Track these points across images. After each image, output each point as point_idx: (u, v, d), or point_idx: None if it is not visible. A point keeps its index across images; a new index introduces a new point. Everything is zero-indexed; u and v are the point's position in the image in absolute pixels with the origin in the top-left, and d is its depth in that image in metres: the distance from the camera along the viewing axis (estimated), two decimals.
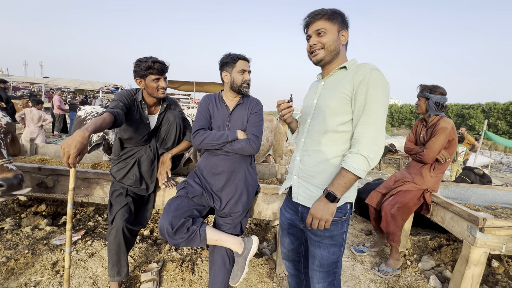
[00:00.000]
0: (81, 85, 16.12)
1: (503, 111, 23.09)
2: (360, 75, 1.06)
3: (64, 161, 1.19)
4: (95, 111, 3.05)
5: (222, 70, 1.63)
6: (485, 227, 1.66)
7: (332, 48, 1.13)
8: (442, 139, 2.12)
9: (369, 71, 1.05)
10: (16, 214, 2.69)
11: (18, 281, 1.79)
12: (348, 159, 1.05)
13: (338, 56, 1.16)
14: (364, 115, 1.05)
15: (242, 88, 1.59)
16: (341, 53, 1.17)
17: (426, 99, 2.23)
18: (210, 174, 1.63)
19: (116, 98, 1.67)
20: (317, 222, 1.07)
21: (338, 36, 1.13)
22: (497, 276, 2.17)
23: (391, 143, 8.97)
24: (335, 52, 1.14)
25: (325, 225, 1.07)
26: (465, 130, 7.02)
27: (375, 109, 1.04)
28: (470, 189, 2.70)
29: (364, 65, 1.08)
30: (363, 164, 1.03)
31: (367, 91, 1.04)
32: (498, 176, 8.86)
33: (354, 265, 2.35)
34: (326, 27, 1.11)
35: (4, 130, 1.63)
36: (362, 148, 1.03)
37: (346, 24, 1.15)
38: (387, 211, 2.21)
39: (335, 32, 1.12)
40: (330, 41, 1.12)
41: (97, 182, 2.06)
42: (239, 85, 1.58)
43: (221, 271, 1.60)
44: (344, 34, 1.15)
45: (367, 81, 1.04)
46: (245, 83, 1.59)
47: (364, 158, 1.02)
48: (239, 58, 1.58)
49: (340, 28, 1.13)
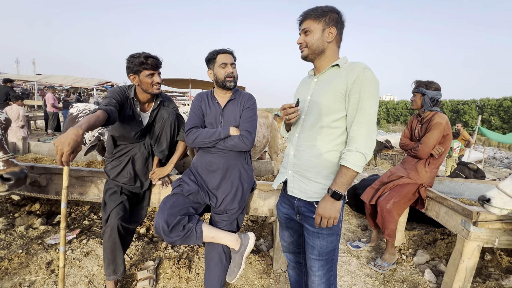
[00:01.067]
0: (75, 82, 15.89)
1: (496, 107, 23.38)
2: (353, 74, 1.10)
3: (57, 159, 1.17)
4: (87, 109, 3.01)
5: (207, 68, 1.61)
6: (478, 221, 1.68)
7: (315, 47, 1.18)
8: (436, 134, 2.14)
9: (362, 70, 1.10)
10: (10, 214, 2.65)
11: (12, 281, 1.77)
12: (348, 157, 1.09)
13: (324, 54, 1.19)
14: (359, 114, 1.10)
15: (226, 83, 1.55)
16: (328, 50, 1.19)
17: (422, 95, 2.23)
18: (205, 171, 1.62)
19: (108, 95, 1.64)
20: (326, 221, 1.11)
21: (322, 34, 1.16)
22: (490, 268, 2.21)
23: (387, 139, 9.03)
24: (318, 50, 1.18)
25: (333, 222, 1.11)
26: (461, 126, 7.08)
27: (368, 107, 1.09)
28: (464, 183, 2.73)
29: (357, 64, 1.13)
30: (361, 160, 1.09)
31: (360, 90, 1.09)
32: (491, 171, 9.00)
33: (350, 260, 2.37)
34: (311, 26, 1.17)
35: (4, 126, 1.64)
36: (359, 145, 1.08)
37: (335, 21, 1.17)
38: (383, 207, 2.23)
39: (319, 30, 1.16)
40: (312, 39, 1.17)
41: (91, 181, 2.03)
42: (222, 79, 1.55)
43: (218, 268, 1.59)
44: (331, 31, 1.16)
45: (360, 80, 1.09)
46: (228, 76, 1.54)
47: (362, 155, 1.08)
48: (218, 52, 1.55)
49: (325, 26, 1.16)
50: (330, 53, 1.19)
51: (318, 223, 1.13)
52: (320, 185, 1.18)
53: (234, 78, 1.56)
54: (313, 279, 1.24)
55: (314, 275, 1.23)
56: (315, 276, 1.23)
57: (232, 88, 1.58)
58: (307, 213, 1.21)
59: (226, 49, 1.58)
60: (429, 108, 2.21)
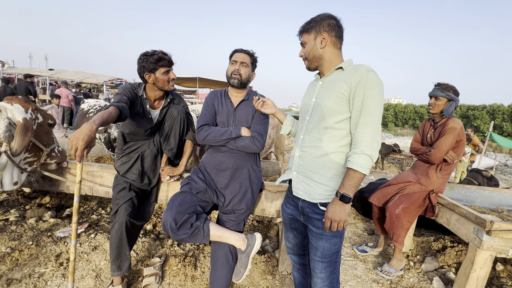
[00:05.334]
0: (85, 78, 16.16)
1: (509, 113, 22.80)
2: (357, 76, 1.11)
3: (71, 153, 1.19)
4: (97, 104, 3.05)
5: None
6: (492, 230, 1.63)
7: (312, 57, 1.23)
8: (450, 139, 2.08)
9: (366, 72, 1.10)
10: (21, 206, 2.71)
11: (22, 272, 1.80)
12: (354, 160, 1.09)
13: (323, 59, 1.22)
14: (363, 116, 1.10)
15: (230, 79, 1.57)
16: (326, 55, 1.22)
17: (448, 100, 2.11)
18: (214, 170, 1.62)
19: (120, 92, 1.66)
20: (335, 224, 1.10)
21: (314, 42, 1.21)
22: (501, 279, 2.15)
23: (395, 143, 8.91)
24: (316, 58, 1.23)
25: (343, 225, 1.10)
26: (471, 131, 6.93)
27: (373, 109, 1.09)
28: (476, 191, 2.67)
29: (361, 66, 1.13)
30: (368, 162, 1.09)
31: (364, 92, 1.09)
32: (503, 179, 8.77)
33: (356, 265, 2.34)
34: (305, 39, 1.24)
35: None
36: (365, 148, 1.08)
37: (326, 26, 1.19)
38: (391, 211, 2.19)
39: (312, 40, 1.21)
40: (307, 51, 1.24)
41: (101, 176, 2.06)
42: (229, 75, 1.57)
43: (224, 268, 1.59)
44: (323, 37, 1.19)
45: (364, 82, 1.09)
46: (234, 73, 1.56)
47: (368, 157, 1.08)
48: (236, 50, 1.60)
49: (316, 34, 1.20)
50: (329, 57, 1.22)
51: (328, 227, 1.12)
52: (324, 187, 1.18)
53: (239, 76, 1.56)
54: (316, 281, 1.24)
55: (317, 277, 1.23)
56: (318, 278, 1.23)
57: (235, 85, 1.58)
58: (311, 214, 1.21)
59: (243, 49, 1.60)
60: (450, 115, 2.11)
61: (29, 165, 1.78)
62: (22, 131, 1.55)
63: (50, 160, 1.92)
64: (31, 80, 6.70)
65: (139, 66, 1.64)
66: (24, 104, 1.68)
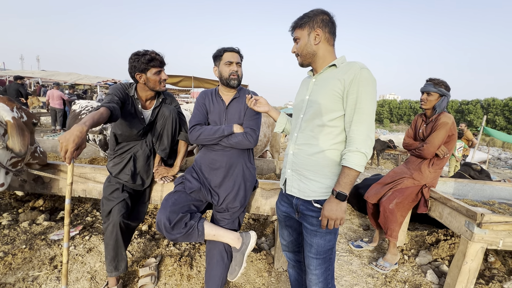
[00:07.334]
0: (78, 79, 15.98)
1: (501, 107, 23.15)
2: (350, 74, 1.11)
3: (61, 155, 1.17)
4: (89, 105, 3.02)
5: (214, 65, 1.62)
6: (483, 222, 1.66)
7: (305, 52, 1.21)
8: (442, 134, 2.11)
9: (359, 70, 1.10)
10: (14, 209, 2.67)
11: (16, 276, 1.79)
12: (349, 158, 1.10)
13: (317, 56, 1.21)
14: (357, 113, 1.10)
15: (229, 81, 1.55)
16: (320, 51, 1.20)
17: (440, 96, 2.13)
18: (208, 169, 1.62)
19: (110, 92, 1.64)
20: (332, 222, 1.11)
21: (308, 38, 1.19)
22: (493, 270, 2.19)
23: (390, 138, 8.98)
24: (309, 54, 1.21)
25: (340, 223, 1.11)
26: (465, 126, 7.02)
27: (366, 106, 1.10)
28: (468, 184, 2.71)
29: (354, 63, 1.13)
30: (363, 159, 1.09)
31: (358, 90, 1.09)
32: (495, 172, 8.92)
33: (351, 260, 2.36)
34: (298, 34, 1.22)
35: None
36: (360, 145, 1.09)
37: (320, 22, 1.18)
38: (385, 207, 2.21)
39: (305, 36, 1.20)
40: (301, 47, 1.22)
41: (94, 177, 2.04)
42: (227, 77, 1.55)
43: (219, 266, 1.59)
44: (317, 33, 1.18)
45: (358, 80, 1.09)
46: (232, 74, 1.54)
47: (363, 155, 1.09)
48: (225, 50, 1.56)
49: (310, 30, 1.18)
50: (323, 54, 1.21)
51: (324, 225, 1.13)
52: (318, 184, 1.19)
53: (238, 77, 1.56)
54: (311, 278, 1.25)
55: (312, 273, 1.24)
56: (312, 275, 1.24)
57: (235, 86, 1.58)
58: (305, 211, 1.22)
59: (234, 47, 1.58)
60: (442, 110, 2.12)
61: (13, 166, 1.76)
62: (17, 130, 1.53)
63: (33, 160, 1.92)
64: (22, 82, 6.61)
65: (130, 65, 1.63)
66: (8, 103, 1.67)
